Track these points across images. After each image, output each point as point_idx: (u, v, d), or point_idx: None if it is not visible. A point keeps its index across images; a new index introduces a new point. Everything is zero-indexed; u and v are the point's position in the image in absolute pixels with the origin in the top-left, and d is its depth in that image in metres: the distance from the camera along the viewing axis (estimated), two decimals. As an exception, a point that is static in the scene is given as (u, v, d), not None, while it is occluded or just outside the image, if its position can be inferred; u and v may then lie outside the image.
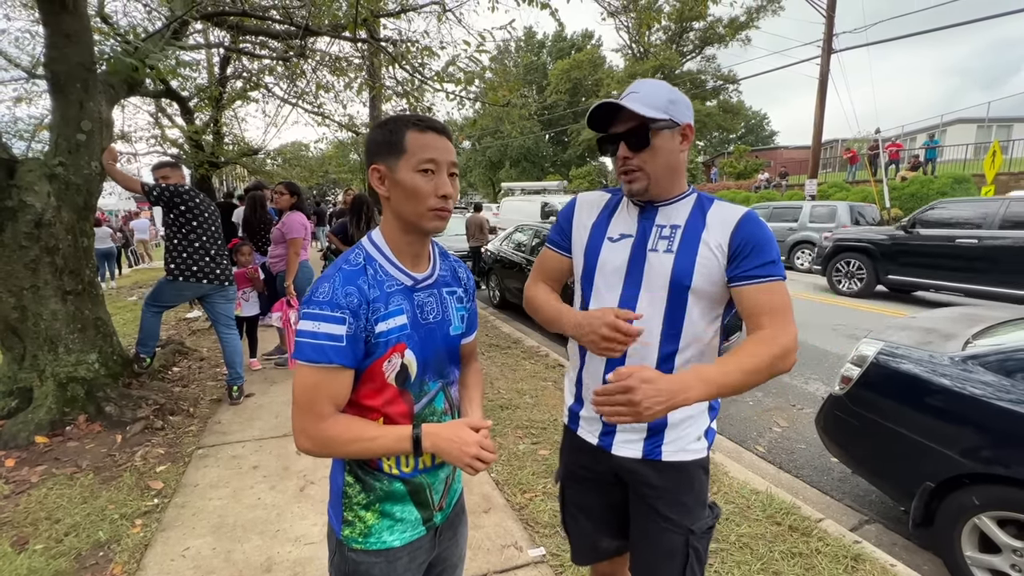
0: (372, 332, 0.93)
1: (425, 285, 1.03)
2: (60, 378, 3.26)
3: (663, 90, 1.12)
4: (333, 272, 0.94)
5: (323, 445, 0.92)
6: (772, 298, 1.07)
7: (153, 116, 8.79)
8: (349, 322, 0.89)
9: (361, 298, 0.91)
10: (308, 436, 0.92)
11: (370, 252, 0.99)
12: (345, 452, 0.94)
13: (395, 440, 0.93)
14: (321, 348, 0.88)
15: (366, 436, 0.93)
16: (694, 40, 35.21)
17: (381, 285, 0.95)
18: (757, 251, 1.08)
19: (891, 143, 17.78)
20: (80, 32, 3.24)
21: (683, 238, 1.13)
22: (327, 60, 6.91)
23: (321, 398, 0.90)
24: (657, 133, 1.09)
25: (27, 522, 2.36)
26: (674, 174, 1.15)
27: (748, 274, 1.08)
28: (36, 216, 3.17)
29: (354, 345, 0.91)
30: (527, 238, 7.45)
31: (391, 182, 0.95)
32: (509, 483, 2.74)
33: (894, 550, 2.40)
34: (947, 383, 2.18)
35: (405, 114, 0.99)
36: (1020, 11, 12.19)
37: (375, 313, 0.93)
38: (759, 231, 1.10)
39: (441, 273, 1.08)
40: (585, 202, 1.31)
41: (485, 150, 41.11)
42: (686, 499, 1.18)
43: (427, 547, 1.08)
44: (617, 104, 1.10)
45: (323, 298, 0.90)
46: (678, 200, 1.18)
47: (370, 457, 0.98)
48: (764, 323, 1.06)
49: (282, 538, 2.27)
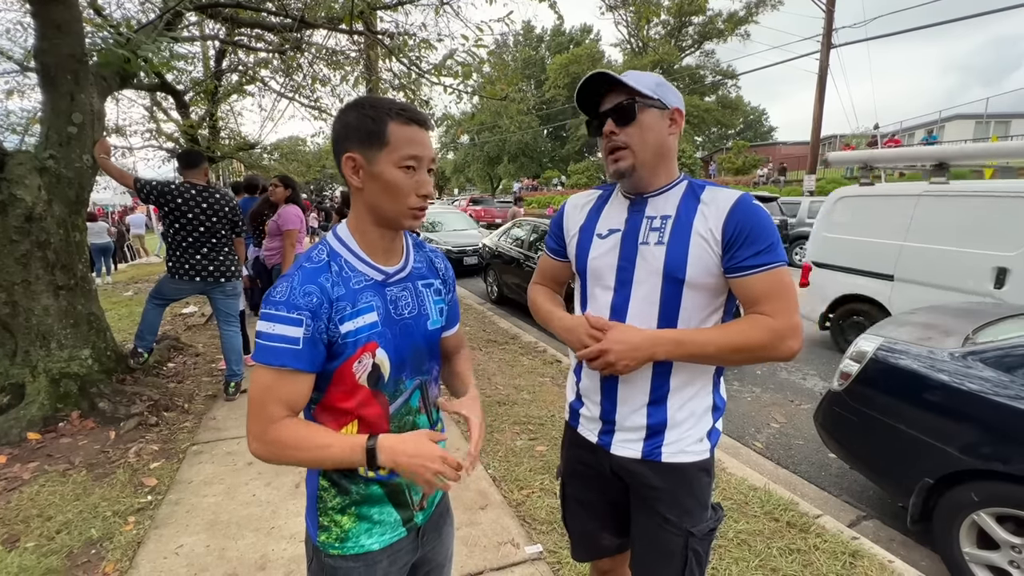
0: (337, 333, 0.88)
1: (397, 279, 0.98)
2: (53, 374, 3.23)
3: (651, 76, 1.11)
4: (293, 270, 0.89)
5: (273, 452, 0.87)
6: (770, 286, 1.03)
7: (148, 110, 8.69)
8: (307, 324, 0.84)
9: (322, 297, 0.87)
10: (258, 439, 0.87)
11: (335, 248, 0.94)
12: (297, 460, 0.87)
13: (348, 450, 0.86)
14: (275, 351, 0.84)
15: (317, 443, 0.86)
16: (693, 35, 35.11)
17: (347, 282, 0.91)
18: (752, 238, 1.03)
19: (889, 139, 17.77)
20: (70, 23, 3.19)
21: (674, 229, 1.09)
22: (323, 53, 6.84)
23: (272, 401, 0.86)
24: (644, 109, 1.07)
25: (18, 519, 2.33)
26: (662, 158, 1.12)
27: (744, 264, 1.04)
28: (27, 210, 3.13)
29: (312, 348, 0.86)
30: (525, 233, 7.42)
31: (367, 174, 0.89)
32: (506, 479, 2.73)
33: (892, 546, 2.39)
34: (946, 379, 2.17)
35: (384, 99, 0.93)
36: (1020, 6, 12.16)
37: (340, 312, 0.88)
38: (754, 216, 1.04)
39: (415, 265, 1.03)
40: (574, 205, 1.30)
41: (483, 145, 40.95)
42: (686, 501, 1.16)
43: (409, 548, 1.04)
44: (606, 75, 1.08)
45: (280, 298, 0.85)
46: (668, 189, 1.14)
47: (325, 467, 0.93)
48: (764, 311, 1.04)
49: (276, 535, 2.25)
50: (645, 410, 1.14)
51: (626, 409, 1.16)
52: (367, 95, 1.02)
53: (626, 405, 1.15)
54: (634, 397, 1.14)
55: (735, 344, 1.03)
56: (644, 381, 1.13)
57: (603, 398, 1.19)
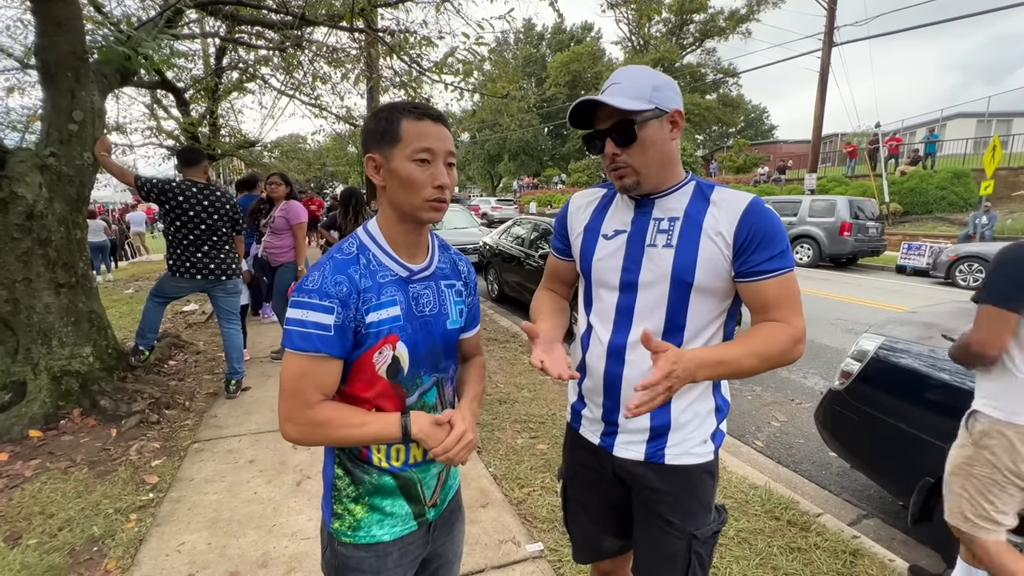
0: (362, 323, 0.92)
1: (421, 277, 1.00)
2: (54, 371, 3.23)
3: (645, 77, 1.05)
4: (325, 260, 0.93)
5: (310, 432, 0.91)
6: (781, 292, 1.03)
7: (148, 108, 8.68)
8: (338, 311, 0.88)
9: (351, 287, 0.90)
10: (295, 423, 0.90)
11: (364, 241, 0.97)
12: (332, 439, 0.92)
13: (384, 425, 0.93)
14: (309, 336, 0.88)
15: (354, 422, 0.92)
16: (694, 33, 35.04)
17: (374, 275, 0.94)
18: (766, 243, 1.02)
19: (891, 137, 17.74)
20: (71, 20, 3.18)
21: (683, 231, 1.07)
22: (324, 51, 6.83)
23: (308, 386, 0.90)
24: (644, 125, 1.03)
25: (20, 517, 2.33)
26: (667, 165, 1.09)
27: (757, 269, 1.03)
28: (28, 207, 3.13)
29: (342, 335, 0.90)
30: (525, 231, 7.41)
31: (386, 171, 0.93)
32: (507, 477, 2.73)
33: (892, 545, 2.40)
34: (948, 378, 2.16)
35: (402, 101, 0.96)
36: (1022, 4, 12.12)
37: (366, 303, 0.92)
38: (767, 221, 1.03)
39: (440, 265, 1.05)
40: (578, 204, 1.28)
41: (484, 143, 40.91)
42: (689, 504, 1.14)
43: (419, 543, 1.06)
44: (597, 101, 1.03)
45: (312, 286, 0.89)
46: (675, 190, 1.11)
47: (358, 444, 0.96)
48: (774, 317, 1.03)
49: (278, 533, 2.25)
50: (648, 413, 1.13)
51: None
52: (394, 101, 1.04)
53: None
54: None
55: (766, 354, 1.01)
56: None
57: (605, 399, 1.17)
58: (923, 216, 15.32)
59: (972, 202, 14.27)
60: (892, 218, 15.15)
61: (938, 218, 14.94)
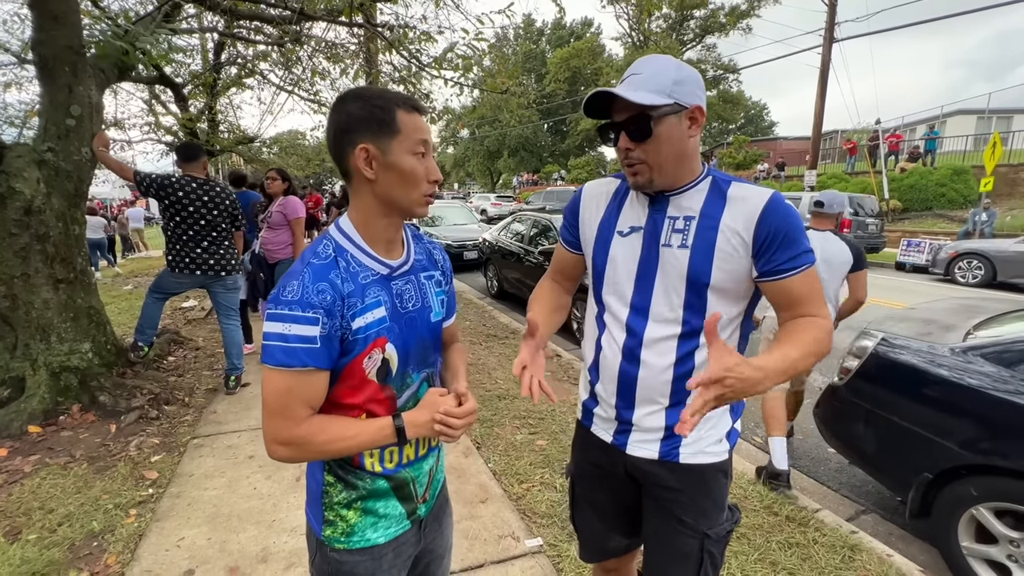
0: (349, 329, 0.87)
1: (402, 272, 0.97)
2: (53, 367, 3.23)
3: (669, 68, 1.00)
4: (301, 267, 0.86)
5: (300, 450, 0.87)
6: (806, 286, 1.02)
7: (147, 103, 8.64)
8: (323, 322, 0.83)
9: (335, 294, 0.85)
10: (283, 443, 0.86)
11: (340, 242, 0.91)
12: (325, 454, 0.89)
13: (377, 431, 0.90)
14: (293, 351, 0.82)
15: (347, 435, 0.88)
16: (695, 29, 34.86)
17: (355, 277, 0.89)
18: (788, 242, 0.99)
19: (891, 134, 17.71)
20: (67, 14, 3.16)
21: (699, 231, 1.03)
22: (323, 46, 6.79)
23: (295, 402, 0.85)
24: (661, 120, 0.98)
25: (20, 512, 2.34)
26: (683, 162, 1.05)
27: (781, 268, 1.00)
28: (25, 203, 3.11)
29: (329, 345, 0.85)
30: (525, 228, 7.40)
31: (382, 164, 0.87)
32: (506, 473, 2.73)
33: (891, 540, 2.40)
34: (946, 374, 2.17)
35: (382, 88, 0.94)
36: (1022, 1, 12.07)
37: (351, 309, 0.87)
38: (786, 220, 1.00)
39: (417, 257, 1.02)
40: (591, 194, 1.22)
41: (483, 139, 40.81)
42: (703, 503, 1.12)
43: (412, 541, 1.05)
44: (613, 94, 0.98)
45: (292, 297, 0.83)
46: (691, 187, 1.07)
47: (352, 454, 0.94)
48: (803, 312, 1.02)
49: (278, 528, 2.25)
50: (664, 412, 1.11)
51: (643, 411, 1.12)
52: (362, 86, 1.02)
53: (644, 407, 1.12)
54: (653, 400, 1.11)
55: (816, 352, 0.98)
56: (664, 385, 1.09)
57: (619, 399, 1.15)
58: (923, 213, 15.31)
59: (972, 199, 14.27)
60: (892, 215, 15.14)
61: (938, 215, 14.94)
